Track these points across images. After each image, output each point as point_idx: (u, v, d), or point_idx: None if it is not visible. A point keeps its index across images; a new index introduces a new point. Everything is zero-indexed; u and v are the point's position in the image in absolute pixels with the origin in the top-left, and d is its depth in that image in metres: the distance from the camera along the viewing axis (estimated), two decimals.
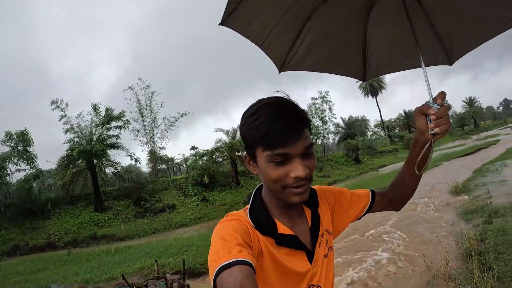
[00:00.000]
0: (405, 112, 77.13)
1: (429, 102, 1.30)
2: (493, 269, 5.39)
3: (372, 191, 1.53)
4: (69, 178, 24.43)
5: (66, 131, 26.28)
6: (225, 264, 0.90)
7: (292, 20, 2.00)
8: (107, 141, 26.40)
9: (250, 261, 0.94)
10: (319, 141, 46.03)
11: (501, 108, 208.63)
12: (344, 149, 46.12)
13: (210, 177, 28.62)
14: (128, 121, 28.03)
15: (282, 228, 1.20)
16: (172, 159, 46.43)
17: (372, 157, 47.52)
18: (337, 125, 56.28)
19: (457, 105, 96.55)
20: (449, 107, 1.29)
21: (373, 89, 67.84)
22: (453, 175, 17.23)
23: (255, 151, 1.11)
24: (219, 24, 1.92)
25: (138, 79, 32.79)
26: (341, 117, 58.87)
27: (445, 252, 6.53)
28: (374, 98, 69.34)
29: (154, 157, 34.05)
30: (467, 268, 5.97)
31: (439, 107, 1.25)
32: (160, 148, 34.30)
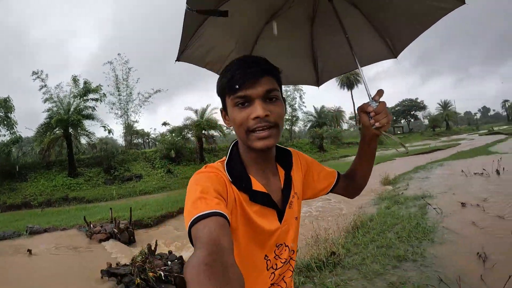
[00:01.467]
0: None
1: (369, 101, 1.42)
2: (356, 237, 6.97)
3: (338, 173, 1.62)
4: (46, 145, 25.99)
5: (45, 100, 27.70)
6: (201, 215, 0.93)
7: (243, 46, 2.23)
8: (84, 112, 27.74)
9: (226, 214, 0.97)
10: (289, 126, 48.30)
11: (478, 114, 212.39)
12: (310, 137, 47.80)
13: (177, 152, 30.29)
14: (104, 95, 29.35)
15: (256, 185, 1.25)
16: (148, 134, 47.45)
17: (338, 147, 48.96)
18: (308, 114, 57.63)
19: (433, 107, 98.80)
20: (384, 103, 1.39)
21: (349, 83, 68.77)
22: (397, 169, 18.56)
23: (225, 101, 1.20)
24: (176, 61, 2.10)
25: (118, 54, 34.41)
26: (314, 106, 60.10)
27: (337, 225, 7.77)
28: (350, 91, 70.23)
29: (129, 130, 35.50)
30: (341, 235, 7.12)
31: (377, 104, 1.37)
32: (133, 121, 35.96)
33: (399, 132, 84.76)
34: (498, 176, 12.51)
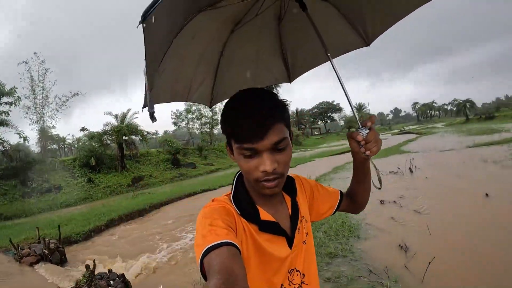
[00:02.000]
0: (296, 111, 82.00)
1: (359, 128, 1.35)
2: None
3: (341, 193, 1.62)
4: None
5: None
6: (213, 245, 0.97)
7: (208, 62, 2.19)
8: None
9: (236, 244, 1.01)
10: (207, 130, 48.46)
11: (390, 115, 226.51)
12: None
13: (97, 159, 29.09)
14: (19, 98, 27.51)
15: (264, 215, 1.27)
16: (63, 139, 45.56)
17: None
18: None
19: (348, 109, 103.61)
20: (375, 130, 1.32)
21: (269, 86, 70.77)
22: (317, 170, 19.67)
23: (230, 141, 1.20)
24: (142, 108, 1.82)
25: (34, 53, 31.88)
26: None
27: None
28: None
29: (44, 137, 33.53)
30: None
31: (367, 131, 1.31)
32: (50, 127, 33.92)
33: (316, 133, 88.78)
34: (411, 174, 14.00)
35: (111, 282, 5.78)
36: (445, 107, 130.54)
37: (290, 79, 2.61)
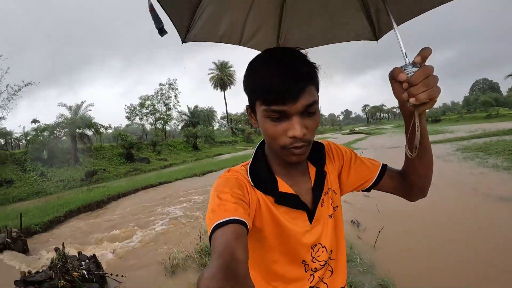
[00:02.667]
0: (247, 107, 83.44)
1: (404, 64, 0.98)
2: None
3: (384, 167, 1.38)
4: None
5: None
6: (219, 223, 0.95)
7: (262, 13, 2.03)
8: None
9: (244, 220, 0.98)
10: (160, 126, 48.48)
11: (341, 117, 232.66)
12: (184, 136, 48.49)
13: (50, 153, 28.75)
14: None
15: (283, 186, 1.21)
16: (10, 133, 44.14)
17: (211, 145, 50.78)
18: (182, 113, 58.95)
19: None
20: (428, 68, 0.92)
21: (222, 83, 70.92)
22: None
23: (254, 103, 1.10)
24: (182, 43, 1.94)
25: None
26: (187, 106, 62.08)
27: None
28: (223, 91, 72.84)
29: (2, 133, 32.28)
30: None
31: (415, 69, 0.94)
32: (0, 118, 32.96)
33: None
34: None
35: (83, 262, 6.09)
36: (394, 110, 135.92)
37: (376, 36, 2.21)
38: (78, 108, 31.94)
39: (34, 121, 32.24)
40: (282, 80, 0.99)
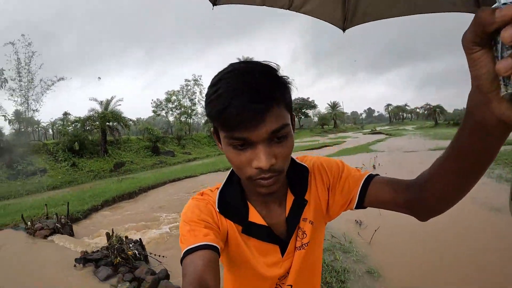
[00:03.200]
0: None
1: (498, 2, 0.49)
2: None
3: (369, 177, 1.12)
4: None
5: None
6: (190, 249, 0.92)
7: None
8: None
9: (216, 245, 0.94)
10: (184, 119, 50.19)
11: (364, 115, 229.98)
12: (208, 130, 48.89)
13: (81, 144, 29.80)
14: (6, 80, 28.32)
15: (254, 216, 1.11)
16: (38, 122, 45.53)
17: None
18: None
19: (323, 106, 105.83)
20: None
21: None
22: None
23: (216, 127, 0.97)
24: (213, 6, 1.80)
25: (22, 35, 31.80)
26: None
27: None
28: None
29: (27, 120, 34.07)
30: None
31: None
32: (33, 110, 34.51)
33: None
34: (373, 170, 15.40)
35: (131, 245, 7.14)
36: (417, 110, 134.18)
37: (344, 26, 2.10)
38: (108, 103, 33.22)
39: (65, 113, 34.09)
40: (240, 102, 0.83)
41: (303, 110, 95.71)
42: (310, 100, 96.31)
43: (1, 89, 27.76)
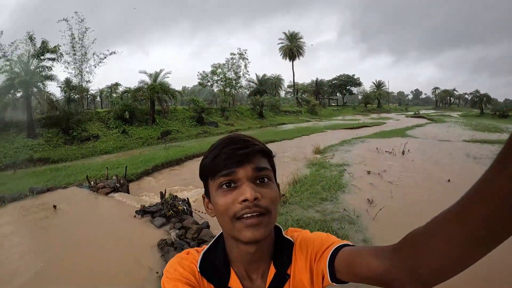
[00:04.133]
0: (316, 81, 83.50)
1: None
2: (296, 187, 10.86)
3: (340, 246, 1.04)
4: (10, 106, 26.52)
5: None
6: None
7: None
8: (43, 73, 28.24)
9: None
10: (228, 90, 51.23)
11: (410, 96, 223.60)
12: (251, 103, 50.79)
13: (131, 113, 31.64)
14: (62, 55, 29.73)
15: (235, 282, 1.09)
16: (87, 89, 47.61)
17: (275, 114, 52.39)
18: (250, 81, 60.90)
19: (368, 84, 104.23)
20: None
21: (291, 54, 71.21)
22: (327, 141, 22.23)
23: (208, 185, 1.05)
24: None
25: (75, 13, 33.53)
26: (256, 74, 63.76)
27: (282, 180, 10.56)
28: (291, 61, 72.78)
29: (78, 88, 35.95)
30: (286, 186, 10.93)
31: None
32: (87, 81, 36.12)
33: (333, 104, 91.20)
34: (402, 156, 16.77)
35: (180, 202, 8.64)
36: (466, 96, 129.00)
37: None
38: (157, 75, 34.98)
39: (116, 84, 36.21)
40: (229, 147, 0.97)
41: (347, 87, 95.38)
42: (355, 77, 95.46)
43: (58, 63, 29.27)
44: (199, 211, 8.53)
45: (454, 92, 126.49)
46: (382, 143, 21.08)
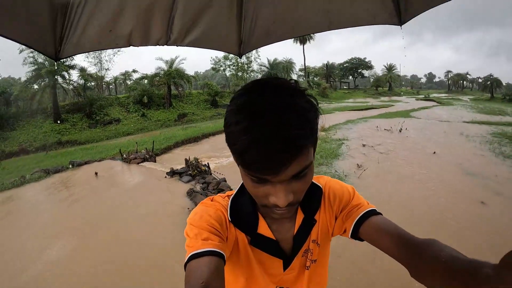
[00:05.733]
0: (327, 65, 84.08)
1: None
2: None
3: (368, 212, 1.06)
4: (38, 94, 28.67)
5: (20, 51, 28.05)
6: (195, 253, 0.88)
7: None
8: (67, 63, 30.07)
9: (221, 252, 0.91)
10: (241, 74, 53.28)
11: (424, 79, 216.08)
12: None
13: (149, 98, 33.68)
14: None
15: (264, 228, 1.09)
16: (102, 77, 49.16)
17: None
18: (262, 65, 61.69)
19: (380, 68, 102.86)
20: None
21: (302, 38, 69.43)
22: (334, 121, 23.36)
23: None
24: (56, 61, 1.63)
25: None
26: (267, 58, 64.71)
27: None
28: (302, 45, 73.35)
29: (100, 77, 38.56)
30: None
31: None
32: (106, 69, 39.01)
33: (345, 87, 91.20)
34: (399, 133, 18.22)
35: (202, 165, 10.63)
36: (479, 80, 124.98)
37: (240, 52, 2.07)
38: (173, 62, 36.80)
39: (134, 71, 38.79)
40: (263, 149, 0.74)
41: (359, 70, 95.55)
42: (366, 60, 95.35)
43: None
44: (217, 173, 10.41)
45: (467, 76, 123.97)
46: (384, 122, 22.42)
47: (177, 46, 1.90)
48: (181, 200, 8.40)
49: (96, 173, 12.00)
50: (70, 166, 13.99)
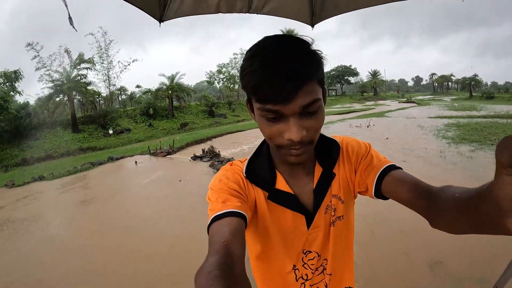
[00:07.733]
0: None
1: None
2: None
3: (389, 167, 1.08)
4: (60, 107, 32.08)
5: (37, 69, 32.03)
6: (217, 215, 0.92)
7: None
8: (83, 80, 33.61)
9: (243, 212, 0.94)
10: (233, 86, 56.83)
11: (411, 83, 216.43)
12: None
13: (154, 110, 37.36)
14: (94, 64, 35.78)
15: (281, 183, 1.12)
16: (99, 93, 49.84)
17: None
18: None
19: (366, 74, 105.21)
20: None
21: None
22: None
23: (250, 99, 0.99)
24: (160, 22, 1.92)
25: (99, 27, 39.59)
26: None
27: None
28: None
29: (111, 93, 41.52)
30: None
31: None
32: (113, 85, 41.87)
33: (333, 94, 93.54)
34: (366, 128, 21.78)
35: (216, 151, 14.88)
36: (466, 81, 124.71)
37: (312, 23, 2.28)
38: (174, 77, 40.90)
39: (137, 86, 42.67)
40: (272, 77, 0.84)
41: (345, 78, 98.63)
42: (353, 67, 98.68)
43: (92, 70, 35.54)
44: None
45: (452, 77, 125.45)
46: (358, 121, 25.89)
47: (257, 14, 2.18)
48: (205, 172, 12.43)
49: (136, 162, 16.15)
50: (109, 160, 17.82)
